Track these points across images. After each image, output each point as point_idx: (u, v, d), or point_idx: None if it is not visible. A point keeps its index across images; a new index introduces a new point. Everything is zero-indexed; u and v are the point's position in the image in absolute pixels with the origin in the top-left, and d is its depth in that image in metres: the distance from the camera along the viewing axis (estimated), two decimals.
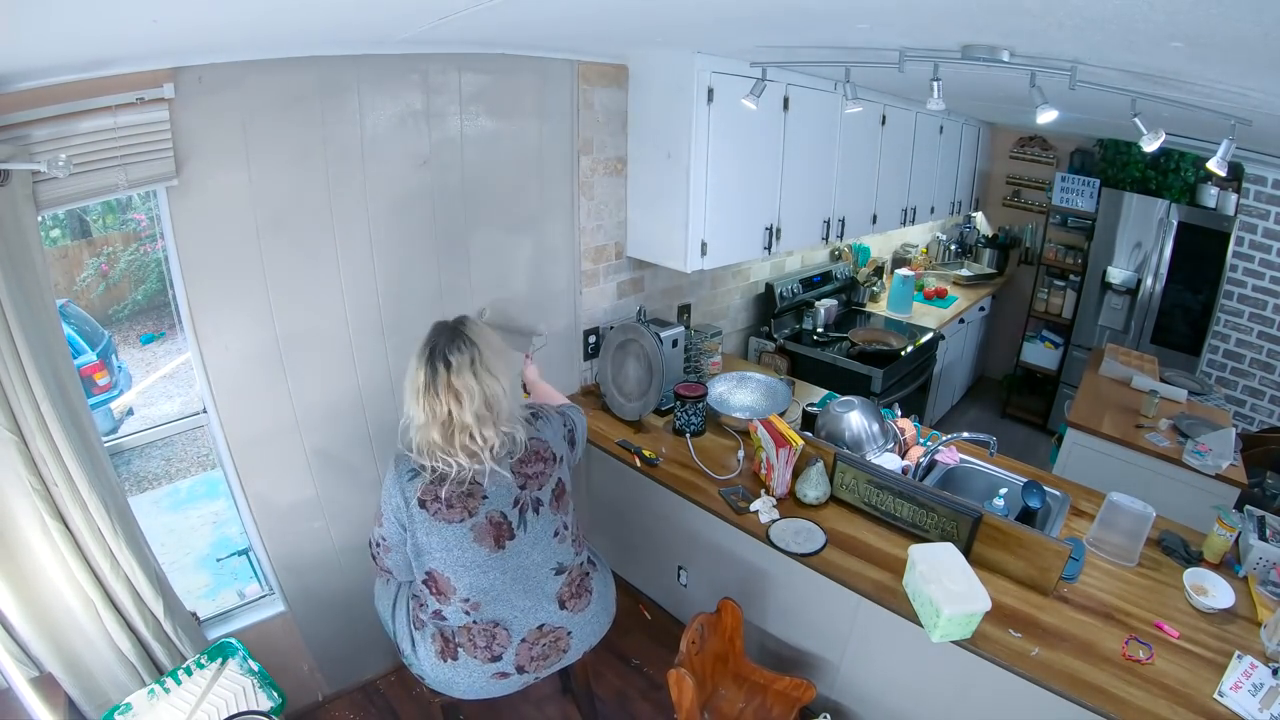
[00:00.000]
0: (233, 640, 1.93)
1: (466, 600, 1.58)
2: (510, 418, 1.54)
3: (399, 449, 1.55)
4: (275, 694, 1.85)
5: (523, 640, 1.66)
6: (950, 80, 1.81)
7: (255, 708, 1.79)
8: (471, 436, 1.47)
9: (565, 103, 2.44)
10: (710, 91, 2.36)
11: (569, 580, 1.72)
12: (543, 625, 1.68)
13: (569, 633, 1.73)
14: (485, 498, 1.52)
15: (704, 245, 2.57)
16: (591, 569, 1.83)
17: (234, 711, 1.76)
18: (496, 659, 1.64)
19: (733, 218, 2.66)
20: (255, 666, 1.89)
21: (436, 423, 1.46)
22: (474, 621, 1.61)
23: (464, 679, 1.65)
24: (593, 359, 2.90)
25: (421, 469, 1.50)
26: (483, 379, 1.48)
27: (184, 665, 1.82)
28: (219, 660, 1.88)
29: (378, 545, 1.63)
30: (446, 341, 1.49)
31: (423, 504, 1.49)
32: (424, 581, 1.59)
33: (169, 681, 1.78)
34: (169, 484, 3.56)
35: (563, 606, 1.71)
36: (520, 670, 1.68)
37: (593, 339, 2.87)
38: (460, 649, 1.63)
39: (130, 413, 3.74)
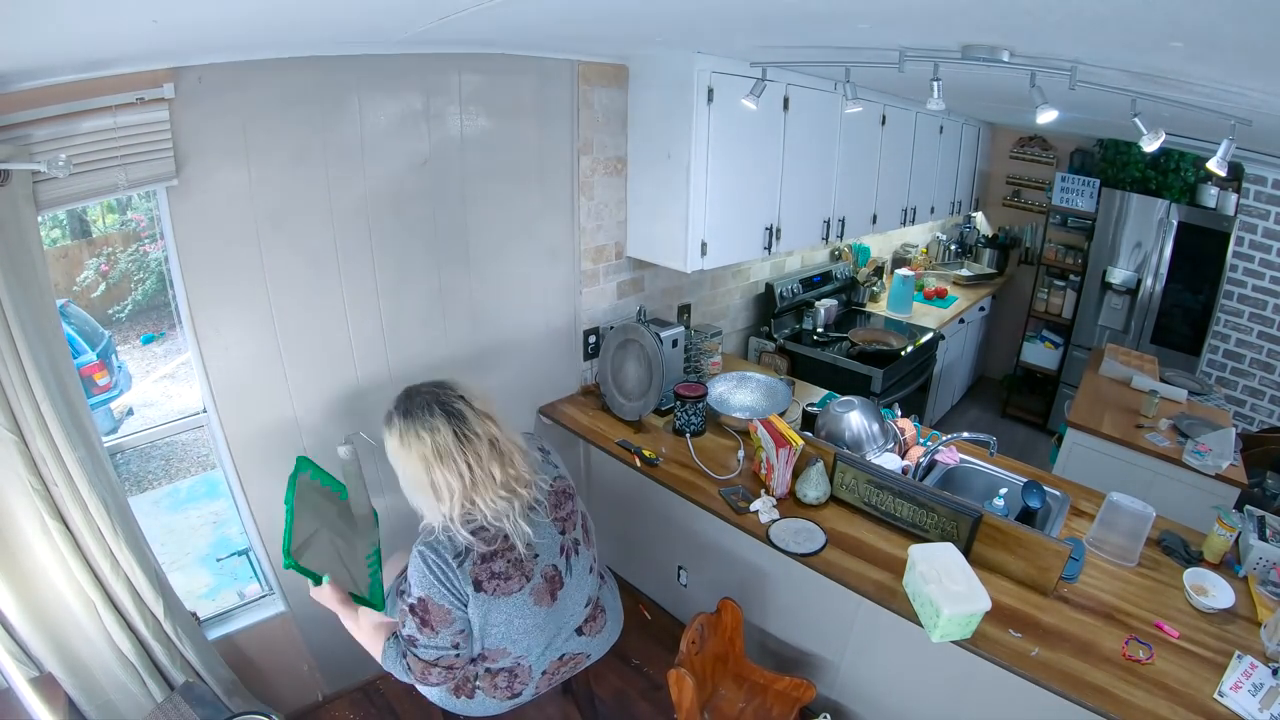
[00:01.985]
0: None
1: (519, 655, 1.55)
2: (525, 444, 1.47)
3: (423, 543, 1.38)
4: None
5: (543, 673, 1.63)
6: (950, 80, 1.81)
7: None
8: (524, 453, 1.42)
9: (565, 103, 2.44)
10: (710, 91, 2.36)
11: (590, 608, 1.71)
12: (563, 655, 1.66)
13: (587, 655, 1.74)
14: (537, 556, 1.46)
15: (704, 245, 2.57)
16: (601, 583, 1.80)
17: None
18: (516, 696, 1.60)
19: (733, 218, 2.66)
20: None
21: (489, 461, 1.34)
22: (504, 667, 1.55)
23: (478, 710, 1.60)
24: (593, 359, 2.90)
25: (466, 551, 1.36)
26: (493, 407, 1.43)
27: None
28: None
29: (455, 650, 1.43)
30: (441, 391, 1.40)
31: (479, 586, 1.37)
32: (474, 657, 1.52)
33: None
34: (169, 484, 3.55)
35: (580, 634, 1.70)
36: (535, 695, 1.66)
37: (593, 339, 2.87)
38: (479, 690, 1.56)
39: (130, 413, 3.74)
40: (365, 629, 1.60)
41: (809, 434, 2.43)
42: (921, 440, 2.54)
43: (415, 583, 1.38)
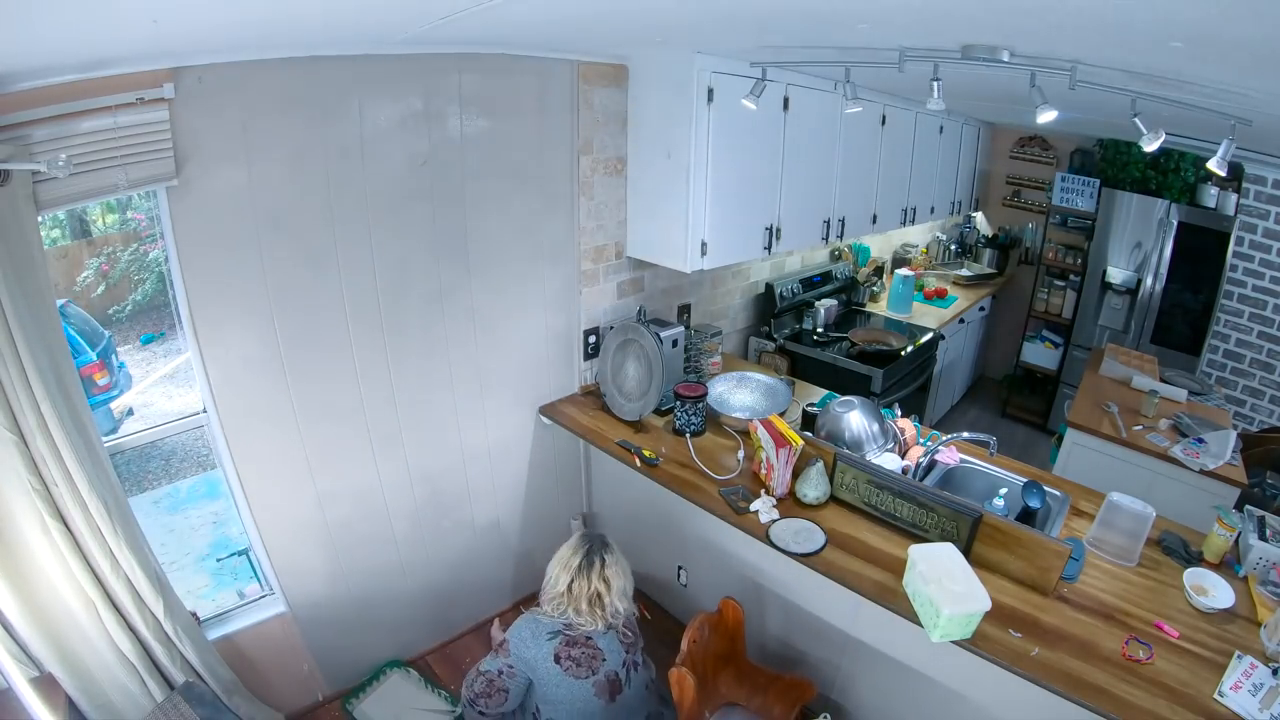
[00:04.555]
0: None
1: None
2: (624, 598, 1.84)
3: (532, 613, 1.81)
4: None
5: None
6: (950, 80, 1.81)
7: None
8: (615, 613, 1.79)
9: (565, 103, 2.44)
10: (710, 91, 2.36)
11: None
12: None
13: None
14: (604, 660, 1.76)
15: (704, 245, 2.57)
16: (665, 707, 1.95)
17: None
18: None
19: (733, 218, 2.66)
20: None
21: (583, 597, 1.75)
22: None
23: None
24: (593, 359, 2.90)
25: (558, 631, 1.75)
26: (624, 572, 1.84)
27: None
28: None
29: (500, 674, 1.76)
30: (601, 543, 1.83)
31: (557, 660, 1.72)
32: None
33: None
34: (169, 484, 3.56)
35: None
36: None
37: (593, 339, 2.87)
38: None
39: (130, 413, 3.74)
40: None
41: (809, 434, 2.42)
42: (921, 440, 2.54)
43: (511, 632, 1.79)
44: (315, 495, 2.21)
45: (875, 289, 4.45)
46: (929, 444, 2.46)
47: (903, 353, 3.59)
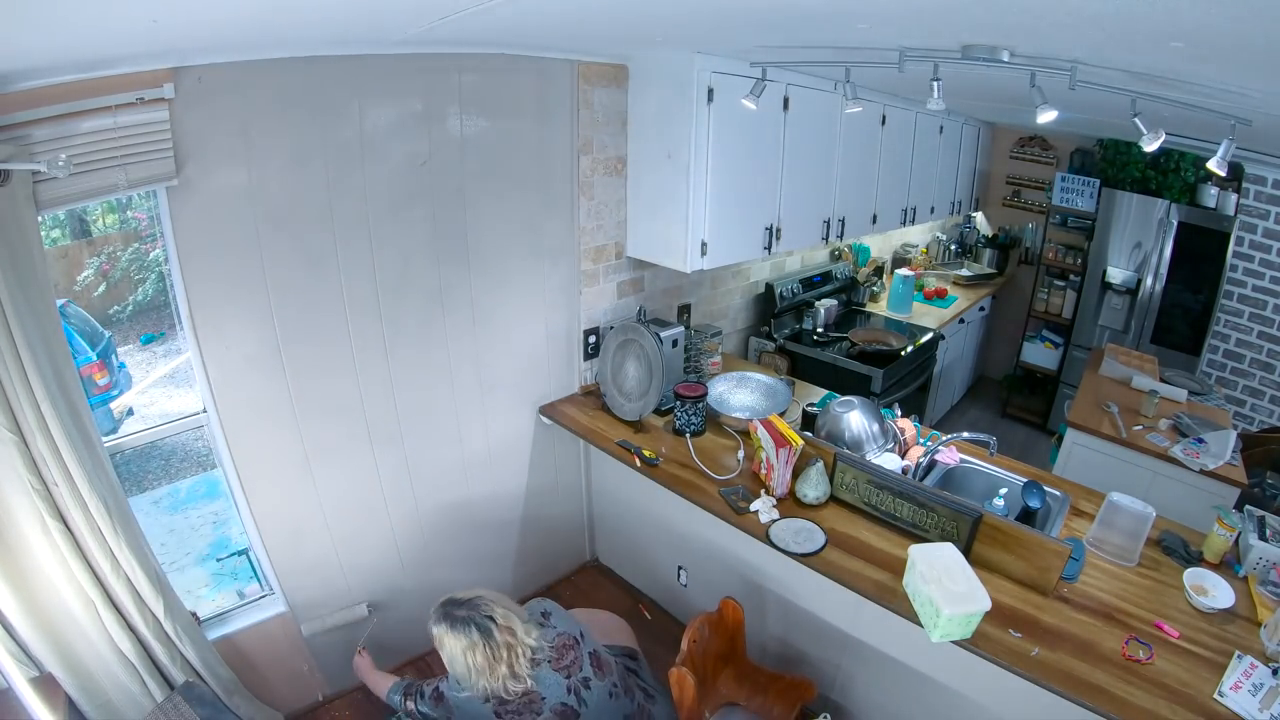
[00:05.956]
0: None
1: None
2: (528, 629, 1.69)
3: (457, 689, 1.66)
4: None
5: None
6: (950, 80, 1.81)
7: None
8: (527, 648, 1.64)
9: (565, 103, 2.44)
10: (710, 91, 2.36)
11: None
12: None
13: None
14: (544, 698, 1.65)
15: (704, 245, 2.57)
16: (649, 702, 1.87)
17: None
18: None
19: (733, 218, 2.66)
20: None
21: (502, 663, 1.60)
22: None
23: None
24: (592, 359, 2.90)
25: (488, 698, 1.62)
26: (503, 600, 1.67)
27: None
28: None
29: (432, 698, 1.74)
30: (460, 604, 1.64)
31: (498, 716, 1.63)
32: None
33: None
34: (169, 484, 3.55)
35: None
36: None
37: (593, 339, 2.87)
38: None
39: (130, 413, 3.73)
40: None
41: (809, 434, 2.42)
42: (921, 440, 2.54)
43: (447, 691, 1.70)
44: (315, 495, 2.21)
45: (875, 289, 4.45)
46: (929, 444, 2.46)
47: (903, 353, 3.59)
